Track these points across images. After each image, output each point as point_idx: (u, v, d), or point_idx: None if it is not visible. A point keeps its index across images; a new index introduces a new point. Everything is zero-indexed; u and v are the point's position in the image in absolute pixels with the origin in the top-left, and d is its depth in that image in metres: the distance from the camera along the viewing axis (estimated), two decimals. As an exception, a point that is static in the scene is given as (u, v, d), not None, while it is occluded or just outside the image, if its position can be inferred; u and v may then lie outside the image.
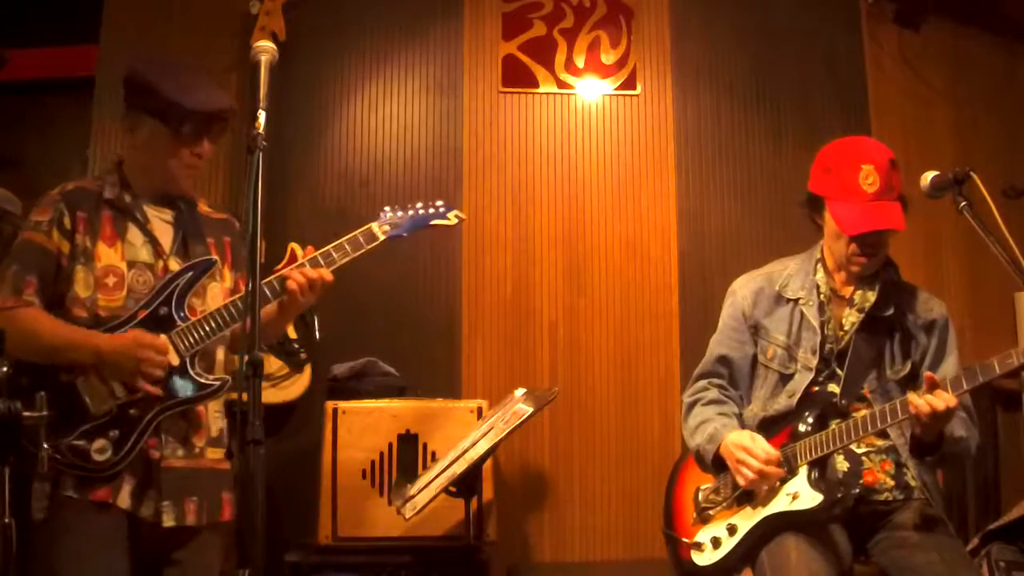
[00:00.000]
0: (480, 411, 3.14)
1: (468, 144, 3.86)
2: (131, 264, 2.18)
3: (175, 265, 2.22)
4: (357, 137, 3.83)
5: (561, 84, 3.91)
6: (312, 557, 3.00)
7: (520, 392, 2.82)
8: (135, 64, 2.23)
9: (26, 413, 1.76)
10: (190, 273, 2.21)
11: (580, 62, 3.92)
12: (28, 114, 4.01)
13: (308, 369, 3.47)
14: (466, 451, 2.63)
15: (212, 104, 2.18)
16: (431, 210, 2.46)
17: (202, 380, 2.18)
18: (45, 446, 1.78)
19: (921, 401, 1.99)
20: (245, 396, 1.61)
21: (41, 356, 2.07)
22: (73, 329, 2.10)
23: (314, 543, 3.03)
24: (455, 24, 3.92)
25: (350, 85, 3.86)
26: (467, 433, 2.79)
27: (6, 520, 1.67)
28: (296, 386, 3.45)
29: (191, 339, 2.17)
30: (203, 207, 2.38)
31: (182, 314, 2.18)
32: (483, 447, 2.59)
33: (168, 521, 2.12)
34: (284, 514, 3.13)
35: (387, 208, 2.40)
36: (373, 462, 3.07)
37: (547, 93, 3.91)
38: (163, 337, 2.13)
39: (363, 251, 2.31)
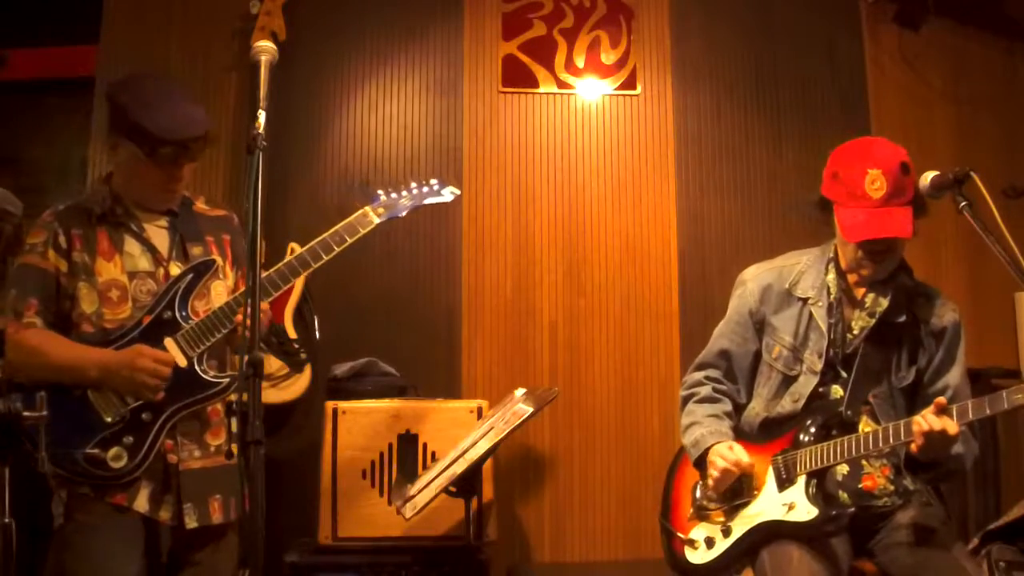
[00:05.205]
0: (480, 411, 3.14)
1: (468, 144, 3.86)
2: (132, 275, 2.20)
3: (176, 269, 2.24)
4: (357, 137, 3.83)
5: (561, 84, 3.91)
6: (312, 557, 3.00)
7: (520, 392, 2.82)
8: (112, 85, 2.24)
9: (26, 413, 1.76)
10: (191, 275, 2.23)
11: (580, 62, 3.92)
12: (28, 114, 4.01)
13: (308, 369, 3.47)
14: (466, 451, 2.63)
15: (179, 133, 2.15)
16: (425, 189, 2.52)
17: (209, 379, 2.20)
18: (44, 450, 1.79)
19: (924, 423, 1.96)
20: (245, 396, 1.61)
21: (49, 375, 2.08)
22: (77, 347, 2.12)
23: (314, 543, 3.03)
24: (455, 24, 3.92)
25: (350, 85, 3.86)
26: (467, 433, 2.79)
27: (6, 520, 1.67)
28: (296, 386, 3.44)
29: (196, 340, 2.19)
30: (200, 205, 2.38)
31: (184, 314, 2.20)
32: (483, 447, 2.59)
33: (191, 523, 2.15)
34: (284, 514, 3.12)
35: (380, 192, 2.46)
36: (373, 462, 3.08)
37: (547, 93, 3.91)
38: (165, 350, 2.16)
39: (359, 236, 2.34)
